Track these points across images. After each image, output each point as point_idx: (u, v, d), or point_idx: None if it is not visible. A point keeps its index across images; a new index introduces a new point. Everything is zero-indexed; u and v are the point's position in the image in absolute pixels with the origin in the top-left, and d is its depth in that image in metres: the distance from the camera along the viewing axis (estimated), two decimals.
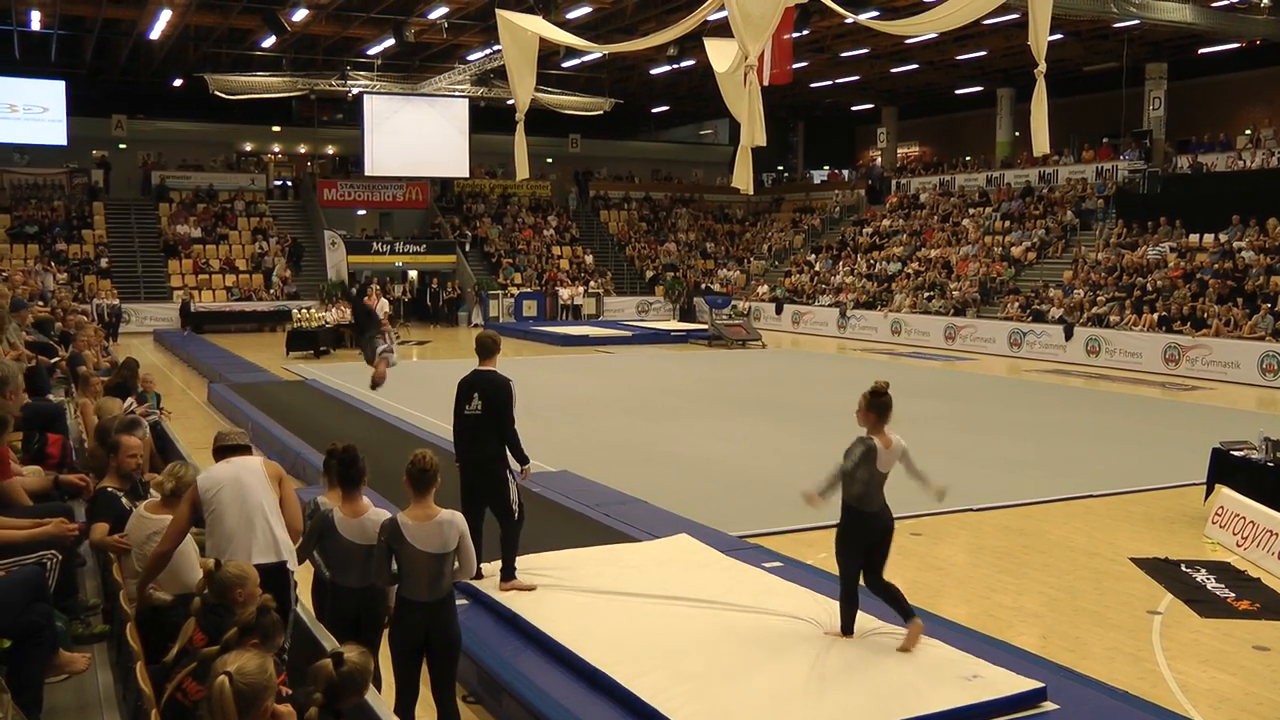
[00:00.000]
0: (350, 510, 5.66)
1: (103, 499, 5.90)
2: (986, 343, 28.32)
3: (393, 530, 5.25)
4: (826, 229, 41.42)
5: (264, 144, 43.93)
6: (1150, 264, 27.13)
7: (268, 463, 5.68)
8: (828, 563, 9.29)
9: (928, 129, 45.99)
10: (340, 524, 5.60)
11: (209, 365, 22.72)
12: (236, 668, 3.34)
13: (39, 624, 4.43)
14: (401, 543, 5.21)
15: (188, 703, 3.76)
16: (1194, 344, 23.13)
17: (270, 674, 3.41)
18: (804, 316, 35.13)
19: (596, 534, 9.50)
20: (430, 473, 5.34)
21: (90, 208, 36.86)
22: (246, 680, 3.31)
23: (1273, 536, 9.45)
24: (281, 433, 14.31)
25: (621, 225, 44.26)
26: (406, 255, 38.36)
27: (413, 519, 5.26)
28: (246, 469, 5.43)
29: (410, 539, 5.19)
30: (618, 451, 14.24)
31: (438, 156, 38.83)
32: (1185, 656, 7.41)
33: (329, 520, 5.62)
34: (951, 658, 6.49)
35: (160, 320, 33.47)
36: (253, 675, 3.34)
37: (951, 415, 17.40)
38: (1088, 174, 33.69)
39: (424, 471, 5.34)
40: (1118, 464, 13.60)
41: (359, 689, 3.85)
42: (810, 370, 25.07)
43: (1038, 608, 8.45)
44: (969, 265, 32.32)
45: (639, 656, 6.43)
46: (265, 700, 3.36)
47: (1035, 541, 10.29)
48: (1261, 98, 33.80)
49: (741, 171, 11.33)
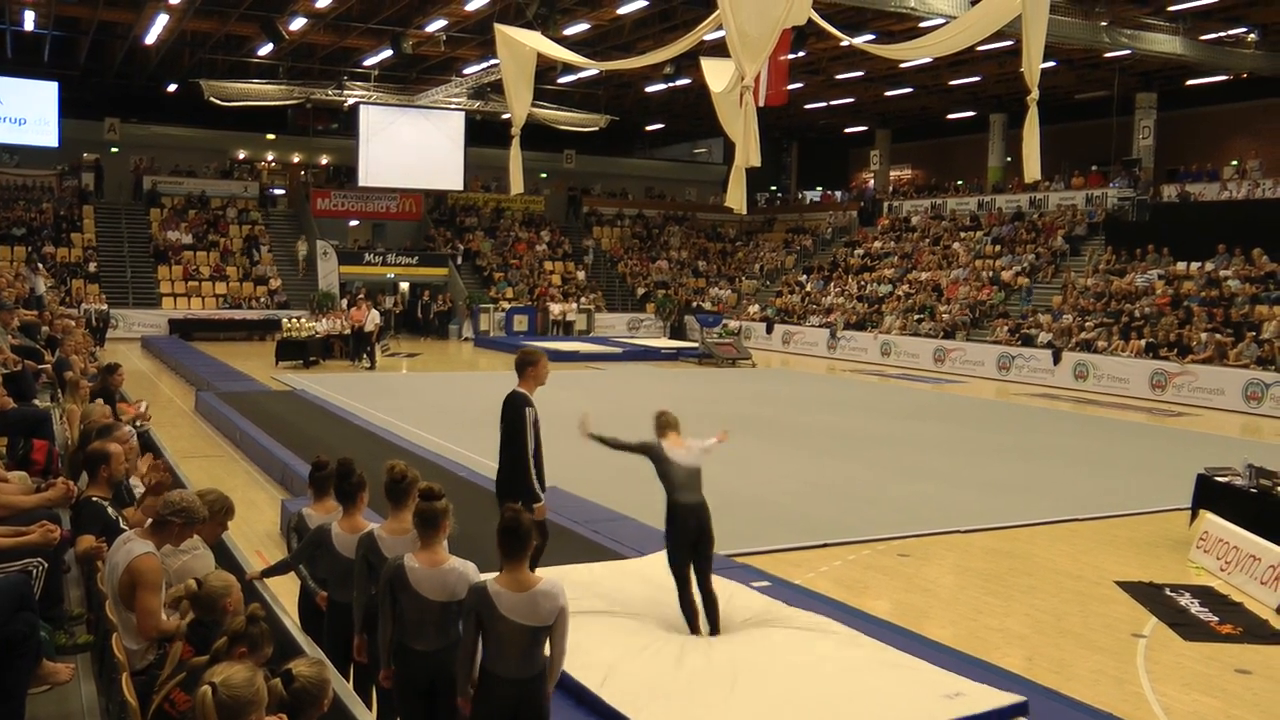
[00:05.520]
0: (348, 526, 5.57)
1: (89, 509, 5.85)
2: (975, 365, 28.42)
3: (396, 573, 4.84)
4: (818, 250, 41.54)
5: (258, 152, 43.92)
6: (1138, 291, 27.27)
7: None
8: (815, 582, 9.32)
9: (920, 152, 46.19)
10: (337, 539, 5.53)
11: (197, 373, 22.64)
12: (223, 679, 3.29)
13: (24, 633, 4.35)
14: (405, 589, 4.82)
15: (175, 714, 3.73)
16: (1180, 370, 23.25)
17: (259, 688, 3.36)
18: (794, 336, 35.18)
19: (584, 550, 9.49)
20: (438, 514, 4.84)
21: (80, 211, 36.74)
22: (231, 692, 3.26)
23: (1255, 561, 9.50)
24: (270, 443, 14.26)
25: (614, 242, 44.31)
26: (398, 267, 38.29)
27: (420, 562, 4.81)
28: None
29: (414, 583, 4.79)
30: (606, 469, 14.13)
31: (432, 169, 38.86)
32: (1168, 679, 7.43)
33: (325, 535, 5.59)
34: (935, 677, 6.50)
35: (149, 326, 33.35)
36: (239, 688, 3.29)
37: (939, 437, 17.44)
38: (1078, 200, 33.88)
39: (429, 511, 4.86)
40: (1104, 488, 13.64)
41: (316, 702, 3.75)
42: (799, 390, 25.10)
43: (1023, 629, 8.47)
44: (959, 288, 32.43)
45: (623, 673, 6.43)
46: (251, 714, 3.30)
47: (1021, 564, 10.31)
48: (1248, 130, 34.10)
49: (735, 191, 11.33)
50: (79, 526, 5.81)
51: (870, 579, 9.81)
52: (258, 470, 13.98)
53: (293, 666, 3.81)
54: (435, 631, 4.76)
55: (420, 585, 4.77)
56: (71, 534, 5.75)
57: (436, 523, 4.82)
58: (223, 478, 12.66)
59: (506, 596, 4.49)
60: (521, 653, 4.54)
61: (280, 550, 9.49)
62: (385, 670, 4.97)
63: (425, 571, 4.78)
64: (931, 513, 12.04)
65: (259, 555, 8.64)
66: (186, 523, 5.09)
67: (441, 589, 4.72)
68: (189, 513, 5.10)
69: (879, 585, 9.69)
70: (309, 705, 3.75)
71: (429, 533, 4.82)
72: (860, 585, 9.54)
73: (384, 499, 5.41)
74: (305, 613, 5.95)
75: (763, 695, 6.21)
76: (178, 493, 5.35)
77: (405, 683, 4.92)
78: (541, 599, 4.52)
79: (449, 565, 4.81)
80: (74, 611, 5.70)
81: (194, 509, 5.14)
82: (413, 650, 4.84)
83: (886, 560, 10.38)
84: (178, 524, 5.05)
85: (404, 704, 4.96)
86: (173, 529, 5.04)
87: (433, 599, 4.75)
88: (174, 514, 5.03)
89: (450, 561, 4.83)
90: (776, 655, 6.84)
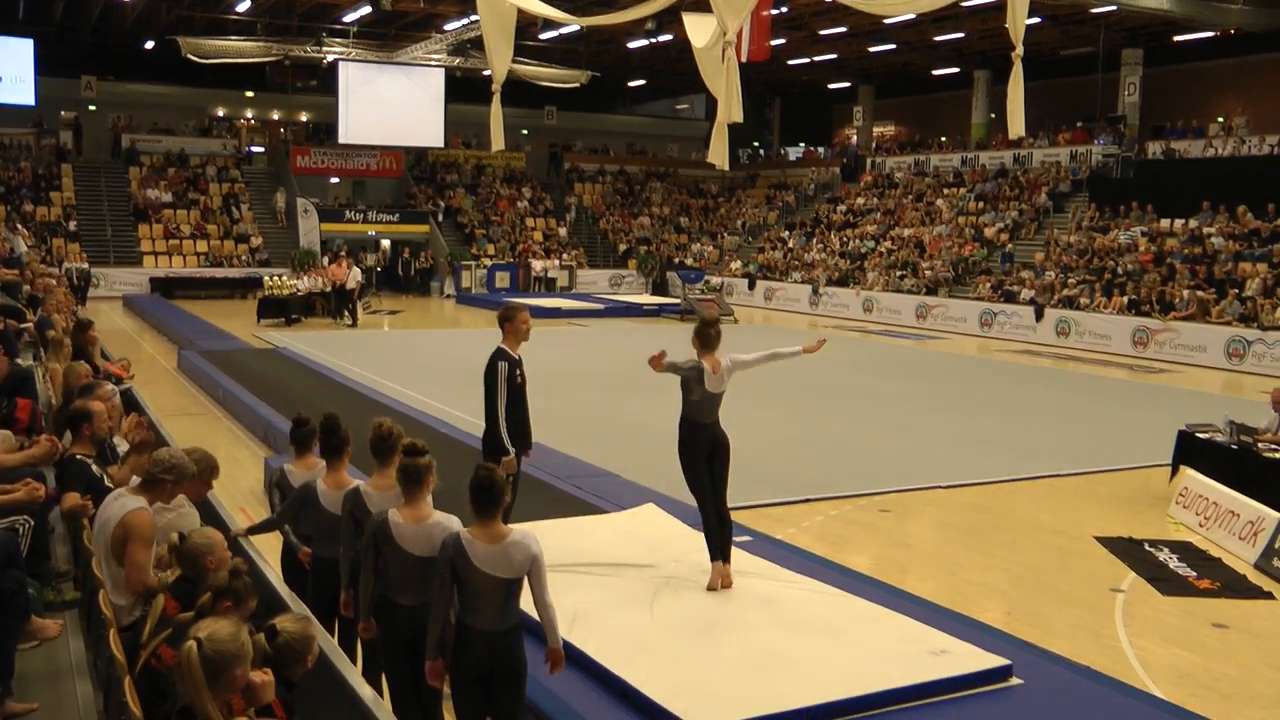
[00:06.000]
0: (333, 482, 5.61)
1: (73, 467, 5.86)
2: (957, 322, 28.50)
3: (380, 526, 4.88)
4: (800, 206, 41.45)
5: (237, 109, 43.46)
6: (1121, 247, 27.34)
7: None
8: (797, 538, 9.39)
9: (904, 109, 46.03)
10: (323, 496, 5.57)
11: (179, 332, 22.56)
12: (208, 634, 3.30)
13: (12, 590, 4.38)
14: (389, 544, 4.84)
15: (162, 669, 3.75)
16: (1162, 327, 23.37)
17: (243, 643, 3.38)
18: (776, 293, 35.21)
19: (566, 505, 9.54)
20: (422, 470, 4.84)
21: (58, 170, 36.37)
22: (216, 647, 3.27)
23: (1234, 517, 9.61)
24: (252, 401, 14.25)
25: (596, 198, 44.16)
26: (379, 224, 38.14)
27: (404, 517, 4.84)
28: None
29: (398, 538, 4.82)
30: (589, 424, 14.27)
31: (413, 126, 38.55)
32: (1146, 633, 7.54)
33: (311, 492, 5.60)
34: (919, 633, 6.55)
35: (130, 285, 33.16)
36: (224, 642, 3.30)
37: (921, 394, 17.54)
38: (1062, 157, 33.86)
39: (413, 467, 4.86)
40: (1085, 444, 13.75)
41: (300, 657, 3.80)
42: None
43: (1003, 584, 8.56)
44: (941, 245, 32.45)
45: (606, 627, 6.47)
46: (236, 668, 3.32)
47: (1002, 519, 10.41)
48: (1234, 87, 33.99)
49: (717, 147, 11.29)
50: (64, 484, 5.82)
51: (851, 534, 9.90)
52: (241, 428, 13.98)
53: (277, 622, 3.84)
54: (418, 586, 4.78)
55: (404, 540, 4.79)
56: (57, 492, 5.75)
57: (420, 478, 4.84)
58: (206, 436, 12.65)
59: (480, 548, 4.51)
60: (496, 606, 4.57)
61: (264, 508, 9.51)
62: (364, 623, 5.02)
63: (409, 527, 4.81)
64: (912, 468, 12.13)
65: (243, 513, 8.65)
66: (177, 480, 5.09)
67: (425, 544, 4.74)
68: (179, 469, 5.11)
69: (860, 540, 9.77)
70: (293, 660, 3.79)
71: (413, 488, 4.84)
72: (841, 540, 9.62)
73: (368, 456, 5.44)
74: (289, 569, 6.00)
75: (744, 649, 6.25)
76: (166, 450, 5.36)
77: (388, 637, 4.96)
78: (513, 549, 4.53)
79: (433, 520, 4.84)
80: (61, 568, 5.72)
81: (184, 466, 5.15)
82: (396, 604, 4.88)
83: (868, 515, 10.47)
84: (169, 481, 5.05)
85: (387, 658, 5.01)
86: (164, 486, 5.05)
87: (416, 554, 4.76)
88: (165, 471, 5.04)
89: (434, 517, 4.86)
90: (759, 610, 6.89)
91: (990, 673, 6.07)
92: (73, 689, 4.51)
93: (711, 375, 7.16)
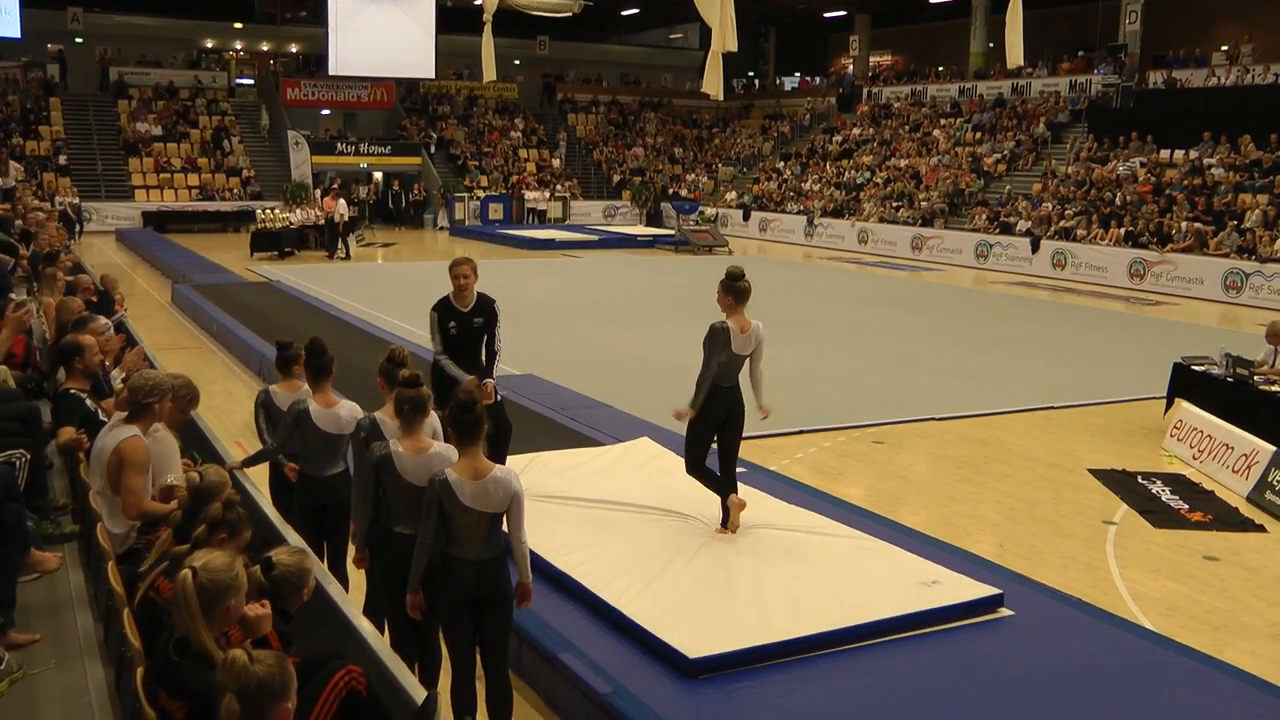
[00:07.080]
0: (322, 401, 5.75)
1: (67, 401, 5.86)
2: (953, 254, 28.42)
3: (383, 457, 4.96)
4: (796, 136, 41.15)
5: (226, 41, 42.87)
6: (1119, 179, 27.18)
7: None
8: (791, 469, 9.43)
9: (901, 38, 45.50)
10: (316, 416, 5.68)
11: (172, 266, 22.46)
12: (203, 564, 3.33)
13: (10, 523, 4.42)
14: (391, 474, 4.93)
15: (160, 600, 3.78)
16: (1159, 259, 23.30)
17: (238, 574, 3.40)
18: (771, 224, 35.05)
19: (560, 437, 9.57)
20: (421, 400, 4.95)
21: (46, 103, 35.94)
22: (211, 576, 3.30)
23: (1228, 450, 9.64)
24: (246, 334, 14.23)
25: (589, 129, 43.80)
26: (371, 157, 37.86)
27: (405, 448, 4.93)
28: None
29: (401, 469, 4.90)
30: (583, 356, 14.26)
31: (403, 57, 38.12)
32: (1138, 566, 7.60)
33: (304, 414, 5.68)
34: (911, 564, 6.60)
35: (122, 219, 32.94)
36: (219, 572, 3.33)
37: (916, 325, 17.53)
38: (1061, 87, 33.56)
39: (416, 398, 4.95)
40: (1079, 376, 13.77)
41: (296, 590, 3.84)
42: (776, 278, 25.05)
43: (996, 516, 8.61)
44: (938, 175, 32.26)
45: (599, 559, 6.52)
46: (230, 599, 3.35)
47: (995, 451, 10.45)
48: (1240, 13, 33.42)
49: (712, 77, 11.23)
50: (59, 419, 5.83)
51: (845, 466, 9.94)
52: (235, 362, 13.98)
53: (273, 554, 3.86)
54: (416, 516, 4.84)
55: (406, 471, 4.89)
56: (52, 426, 5.76)
57: (420, 409, 4.93)
58: (200, 369, 12.65)
59: (467, 486, 4.57)
60: (482, 538, 4.66)
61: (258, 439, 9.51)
62: (359, 555, 5.16)
63: (411, 458, 4.91)
64: (906, 400, 12.16)
65: (239, 445, 8.66)
66: (160, 399, 5.18)
67: (425, 474, 4.79)
68: (159, 388, 5.20)
69: (854, 472, 9.82)
70: (289, 592, 3.81)
71: (414, 419, 4.94)
72: (835, 472, 9.66)
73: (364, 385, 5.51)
74: (275, 486, 6.20)
75: (737, 580, 6.29)
76: (139, 375, 5.43)
77: (389, 567, 5.03)
78: (494, 486, 4.60)
79: (433, 450, 4.93)
80: (59, 502, 5.75)
81: (162, 382, 5.29)
82: (395, 534, 4.98)
83: (861, 447, 10.51)
84: (154, 403, 5.14)
85: (387, 587, 5.08)
86: (150, 410, 5.13)
87: (417, 484, 4.82)
88: (147, 396, 5.12)
89: (434, 448, 4.95)
90: (752, 541, 6.93)
91: (981, 603, 6.13)
92: (73, 620, 4.56)
93: (739, 335, 6.76)
